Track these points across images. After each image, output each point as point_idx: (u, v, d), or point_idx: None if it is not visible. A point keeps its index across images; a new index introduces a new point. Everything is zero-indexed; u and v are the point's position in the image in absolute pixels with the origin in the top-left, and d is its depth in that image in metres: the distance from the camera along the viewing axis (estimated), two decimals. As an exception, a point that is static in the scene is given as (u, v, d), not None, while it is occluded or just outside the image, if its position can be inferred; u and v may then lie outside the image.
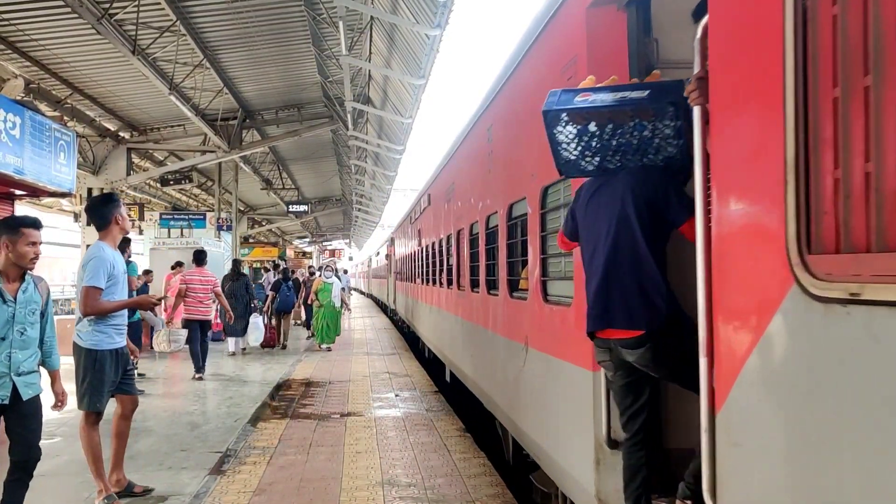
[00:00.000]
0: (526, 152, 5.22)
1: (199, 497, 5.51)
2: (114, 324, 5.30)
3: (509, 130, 6.05)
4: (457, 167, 9.33)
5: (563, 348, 4.39)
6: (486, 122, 7.02)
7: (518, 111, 5.65)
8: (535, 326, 5.16)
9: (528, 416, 5.35)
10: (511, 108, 5.99)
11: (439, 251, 11.10)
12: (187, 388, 10.77)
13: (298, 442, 7.36)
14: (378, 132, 20.18)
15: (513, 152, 5.84)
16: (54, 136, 9.30)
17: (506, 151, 6.14)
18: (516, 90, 5.71)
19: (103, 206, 5.40)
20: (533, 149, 4.81)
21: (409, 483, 5.94)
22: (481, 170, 7.32)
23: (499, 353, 6.46)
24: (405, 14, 11.29)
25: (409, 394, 10.38)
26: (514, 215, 5.87)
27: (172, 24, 11.40)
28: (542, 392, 4.93)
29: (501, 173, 6.34)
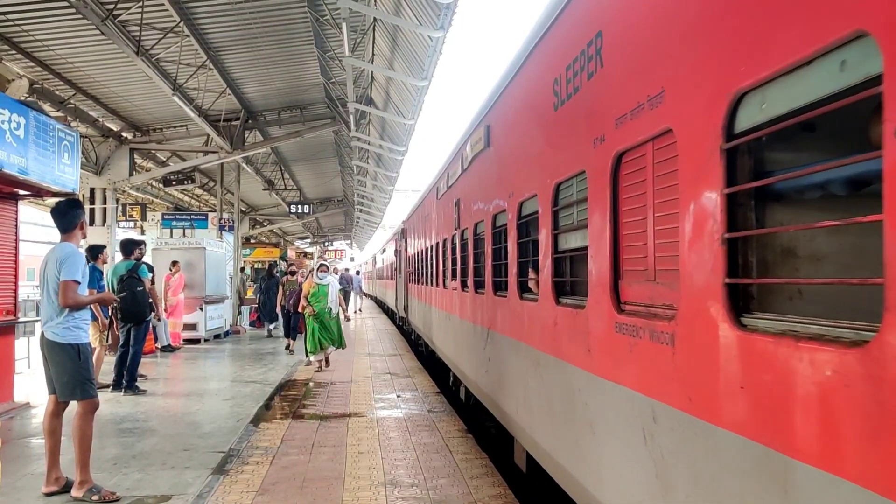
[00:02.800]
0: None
1: (203, 497, 5.53)
2: (85, 319, 5.63)
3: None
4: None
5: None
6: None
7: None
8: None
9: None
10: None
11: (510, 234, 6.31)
12: (189, 388, 10.79)
13: (301, 442, 7.38)
14: (380, 133, 20.21)
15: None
16: (58, 137, 9.32)
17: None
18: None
19: (69, 211, 5.66)
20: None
21: (412, 483, 5.96)
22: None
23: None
24: (408, 16, 11.31)
25: (410, 395, 10.40)
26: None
27: (176, 25, 11.44)
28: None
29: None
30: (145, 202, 25.67)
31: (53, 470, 5.47)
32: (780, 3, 2.20)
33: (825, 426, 1.98)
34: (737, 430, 2.40)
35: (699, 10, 2.73)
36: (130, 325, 10.45)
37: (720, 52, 2.53)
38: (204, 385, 11.11)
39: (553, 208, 4.55)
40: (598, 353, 3.76)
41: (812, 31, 2.02)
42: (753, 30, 2.32)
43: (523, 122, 5.54)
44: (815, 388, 2.02)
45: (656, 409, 3.04)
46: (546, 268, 4.72)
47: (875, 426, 1.79)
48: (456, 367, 9.73)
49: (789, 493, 2.12)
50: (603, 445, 3.72)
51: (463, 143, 8.64)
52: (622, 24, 3.50)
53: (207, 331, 17.75)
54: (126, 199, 24.18)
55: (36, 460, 6.28)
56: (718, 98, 2.50)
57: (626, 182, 3.40)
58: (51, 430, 5.49)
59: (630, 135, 3.31)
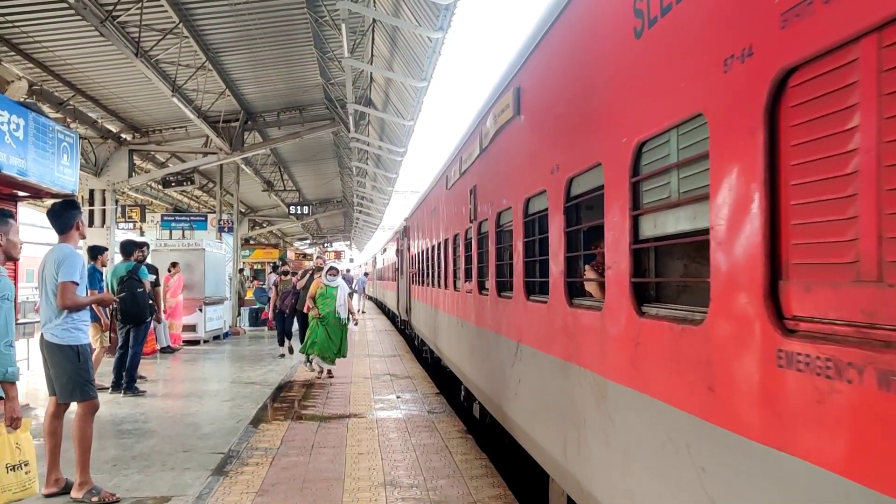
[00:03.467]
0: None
1: (202, 498, 5.53)
2: (84, 320, 5.59)
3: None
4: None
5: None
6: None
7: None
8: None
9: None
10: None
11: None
12: (188, 390, 10.78)
13: (301, 443, 7.38)
14: (379, 134, 20.23)
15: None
16: (57, 138, 9.32)
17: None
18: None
19: (65, 212, 5.61)
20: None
21: (412, 484, 5.96)
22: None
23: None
24: (407, 17, 11.33)
25: (410, 395, 10.39)
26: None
27: (175, 27, 11.45)
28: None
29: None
30: (144, 203, 25.70)
31: (53, 471, 5.47)
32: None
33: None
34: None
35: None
36: (129, 326, 10.45)
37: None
38: (203, 386, 11.10)
39: (631, 178, 3.26)
40: (735, 398, 2.43)
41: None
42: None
43: (579, 68, 4.14)
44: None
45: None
46: (619, 264, 3.41)
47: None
48: (470, 381, 8.35)
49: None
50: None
51: (481, 117, 7.19)
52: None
53: (207, 332, 17.75)
54: (125, 200, 24.20)
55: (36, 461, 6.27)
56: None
57: (801, 118, 2.12)
58: (51, 431, 5.48)
59: (818, 35, 2.00)
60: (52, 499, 5.38)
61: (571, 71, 4.30)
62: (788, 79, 2.17)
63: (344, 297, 11.97)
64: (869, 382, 1.80)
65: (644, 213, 3.25)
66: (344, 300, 11.96)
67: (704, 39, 2.66)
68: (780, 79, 2.18)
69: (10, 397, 4.44)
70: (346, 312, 12.03)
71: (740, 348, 2.41)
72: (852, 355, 1.87)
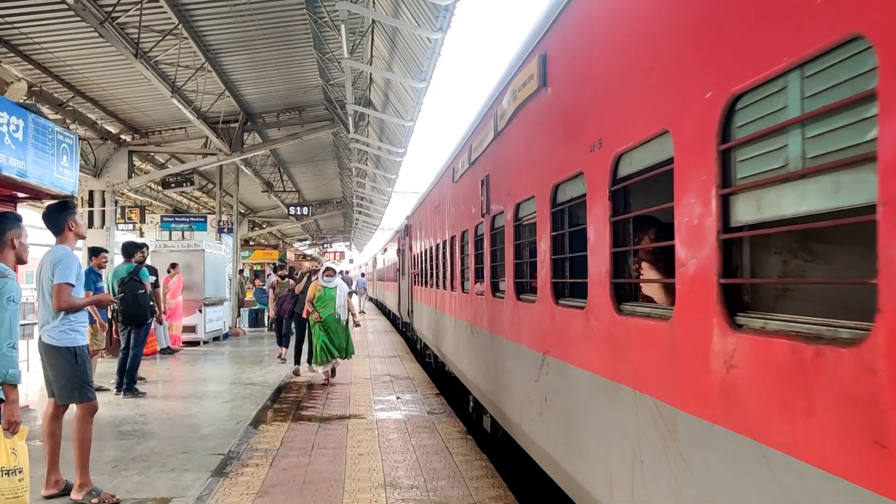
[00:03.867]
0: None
1: (202, 499, 5.53)
2: (82, 322, 5.56)
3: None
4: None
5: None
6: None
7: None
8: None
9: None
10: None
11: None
12: (188, 391, 10.78)
13: (301, 444, 7.37)
14: (379, 135, 20.22)
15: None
16: (57, 139, 9.31)
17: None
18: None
19: (57, 214, 5.59)
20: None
21: (412, 485, 5.95)
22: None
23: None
24: (407, 17, 11.32)
25: (410, 396, 10.39)
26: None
27: (175, 28, 11.44)
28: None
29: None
30: (144, 204, 25.69)
31: (53, 473, 5.46)
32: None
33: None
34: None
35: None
36: (131, 327, 10.44)
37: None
38: (203, 387, 11.09)
39: (720, 146, 2.45)
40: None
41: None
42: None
43: (636, 14, 3.27)
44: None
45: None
46: (698, 260, 2.60)
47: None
48: (482, 393, 7.50)
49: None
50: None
51: (496, 97, 6.30)
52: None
53: (206, 333, 17.75)
54: (125, 201, 24.20)
55: (35, 463, 6.26)
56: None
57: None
58: (50, 432, 5.48)
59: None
60: (52, 500, 5.38)
61: (624, 19, 3.43)
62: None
63: (344, 298, 11.58)
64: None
65: (738, 191, 2.40)
66: (344, 301, 11.56)
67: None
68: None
69: (10, 400, 4.41)
70: (347, 313, 11.60)
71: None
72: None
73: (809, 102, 2.06)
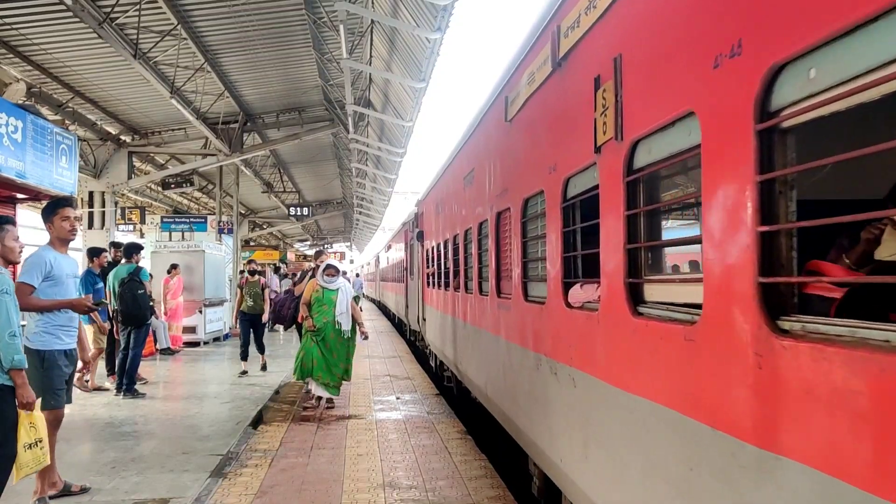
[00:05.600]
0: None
1: (201, 500, 5.52)
2: (60, 325, 5.36)
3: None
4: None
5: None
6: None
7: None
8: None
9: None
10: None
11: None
12: (188, 391, 10.78)
13: (300, 444, 7.37)
14: (379, 135, 20.23)
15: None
16: (56, 140, 9.33)
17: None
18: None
19: (43, 214, 5.52)
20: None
21: (411, 485, 5.95)
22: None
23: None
24: (406, 18, 11.32)
25: (410, 396, 10.39)
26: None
27: (173, 28, 11.45)
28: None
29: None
30: (144, 205, 25.70)
31: (49, 474, 5.42)
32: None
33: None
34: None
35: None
36: (131, 328, 10.45)
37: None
38: (203, 388, 11.09)
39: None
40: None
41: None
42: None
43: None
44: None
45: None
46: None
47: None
48: (558, 470, 4.51)
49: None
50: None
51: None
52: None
53: (207, 334, 17.75)
54: (125, 202, 24.21)
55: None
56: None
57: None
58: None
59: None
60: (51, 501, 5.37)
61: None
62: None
63: (347, 303, 9.35)
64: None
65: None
66: (347, 306, 9.33)
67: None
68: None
69: (18, 384, 4.54)
70: (350, 322, 9.36)
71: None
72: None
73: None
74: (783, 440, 2.10)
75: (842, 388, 1.86)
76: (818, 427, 1.95)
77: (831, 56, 1.93)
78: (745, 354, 2.30)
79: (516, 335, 5.69)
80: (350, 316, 9.39)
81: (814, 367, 1.97)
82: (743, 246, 2.30)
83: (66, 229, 5.44)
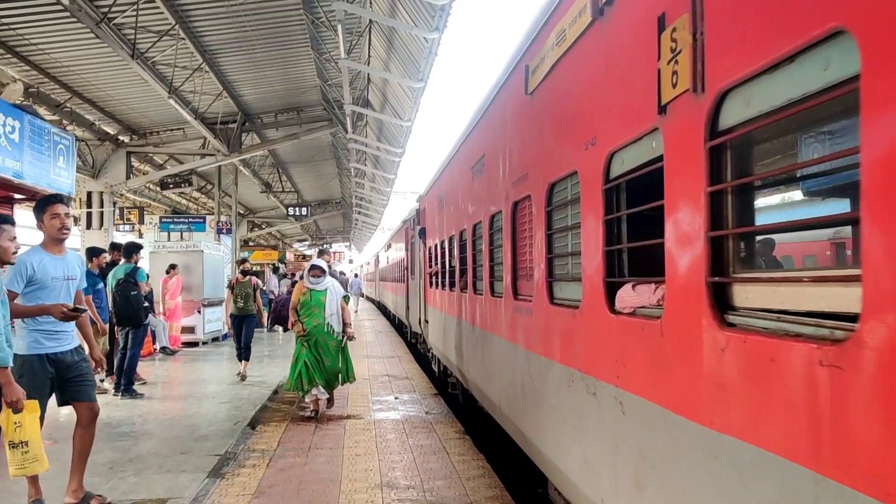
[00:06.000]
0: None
1: (199, 500, 5.52)
2: (41, 329, 5.03)
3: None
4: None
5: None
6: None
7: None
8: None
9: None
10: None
11: None
12: (186, 392, 10.77)
13: (298, 444, 7.37)
14: (377, 135, 20.23)
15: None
16: (53, 140, 9.32)
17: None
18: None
19: (34, 213, 5.25)
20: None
21: (408, 485, 5.94)
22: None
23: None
24: (403, 18, 11.32)
25: (408, 396, 10.38)
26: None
27: (171, 28, 11.44)
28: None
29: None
30: (143, 206, 25.68)
31: (71, 481, 5.24)
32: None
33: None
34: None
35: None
36: (128, 328, 10.43)
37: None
38: (201, 388, 11.09)
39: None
40: None
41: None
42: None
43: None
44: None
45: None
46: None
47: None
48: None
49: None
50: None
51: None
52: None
53: (205, 334, 17.74)
54: (123, 202, 24.18)
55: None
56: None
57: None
58: (73, 441, 5.26)
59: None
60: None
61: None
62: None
63: (337, 304, 8.97)
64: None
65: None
66: (337, 307, 8.96)
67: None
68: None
69: (3, 382, 4.43)
70: (341, 323, 8.99)
71: None
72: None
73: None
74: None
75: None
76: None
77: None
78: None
79: (539, 344, 4.90)
80: (339, 317, 8.99)
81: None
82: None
83: (55, 227, 5.11)
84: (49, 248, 5.17)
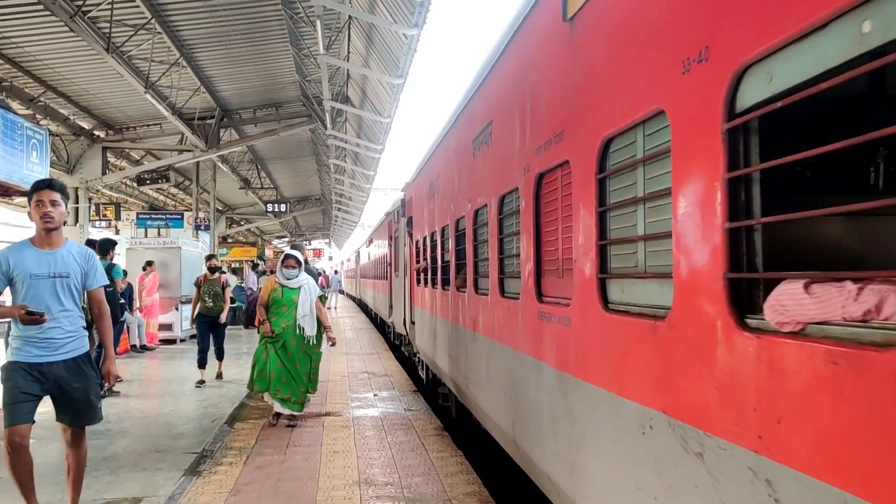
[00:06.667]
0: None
1: (174, 498, 5.48)
2: (23, 336, 4.47)
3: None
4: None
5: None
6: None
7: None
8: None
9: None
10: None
11: None
12: (163, 389, 10.68)
13: (275, 442, 7.33)
14: (357, 131, 20.17)
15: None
16: (26, 135, 9.19)
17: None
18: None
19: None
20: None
21: (387, 482, 5.95)
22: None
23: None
24: (383, 13, 11.29)
25: (387, 393, 10.38)
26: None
27: (147, 22, 11.31)
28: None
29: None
30: (119, 201, 25.39)
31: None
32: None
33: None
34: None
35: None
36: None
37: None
38: (179, 386, 10.99)
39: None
40: None
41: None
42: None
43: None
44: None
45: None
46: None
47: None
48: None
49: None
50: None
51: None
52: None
53: (183, 331, 17.58)
54: (99, 198, 23.89)
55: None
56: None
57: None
58: (67, 461, 4.91)
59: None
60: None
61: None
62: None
63: (311, 304, 8.02)
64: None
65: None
66: (311, 308, 8.02)
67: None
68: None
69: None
70: (315, 326, 8.06)
71: None
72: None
73: None
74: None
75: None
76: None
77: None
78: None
79: (582, 366, 3.48)
80: (315, 318, 8.07)
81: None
82: None
83: (38, 217, 4.47)
84: (37, 241, 4.56)
